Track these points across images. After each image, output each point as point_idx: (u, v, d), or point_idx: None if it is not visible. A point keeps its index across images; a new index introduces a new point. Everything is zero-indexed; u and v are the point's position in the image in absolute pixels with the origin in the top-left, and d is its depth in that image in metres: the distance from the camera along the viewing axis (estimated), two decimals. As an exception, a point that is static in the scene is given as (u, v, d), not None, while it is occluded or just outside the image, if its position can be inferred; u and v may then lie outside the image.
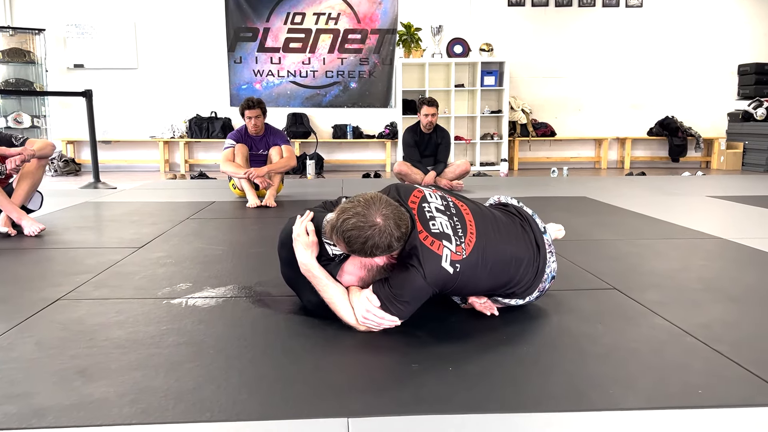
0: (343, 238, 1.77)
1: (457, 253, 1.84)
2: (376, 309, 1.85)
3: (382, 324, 1.87)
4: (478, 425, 1.35)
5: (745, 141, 8.96)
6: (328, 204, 2.18)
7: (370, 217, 1.75)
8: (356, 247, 1.78)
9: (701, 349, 1.77)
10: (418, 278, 1.81)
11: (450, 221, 1.90)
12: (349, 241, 1.77)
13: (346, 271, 1.97)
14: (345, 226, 1.75)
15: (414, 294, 1.85)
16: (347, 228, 1.75)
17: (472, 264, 1.87)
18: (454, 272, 1.83)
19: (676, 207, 4.78)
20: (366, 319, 1.87)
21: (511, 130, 9.08)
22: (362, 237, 1.74)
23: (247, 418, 1.37)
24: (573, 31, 9.18)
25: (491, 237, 1.94)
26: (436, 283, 1.83)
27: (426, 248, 1.81)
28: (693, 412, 1.40)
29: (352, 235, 1.75)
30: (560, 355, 1.75)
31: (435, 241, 1.83)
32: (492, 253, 1.92)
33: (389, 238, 1.76)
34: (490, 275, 1.93)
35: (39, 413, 1.38)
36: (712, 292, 2.37)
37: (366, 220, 1.74)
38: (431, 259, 1.81)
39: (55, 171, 8.01)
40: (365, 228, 1.74)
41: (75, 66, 8.64)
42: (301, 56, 8.94)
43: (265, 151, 5.17)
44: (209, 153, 9.00)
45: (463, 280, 1.87)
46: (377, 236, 1.74)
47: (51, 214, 4.31)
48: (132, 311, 2.13)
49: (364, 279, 1.97)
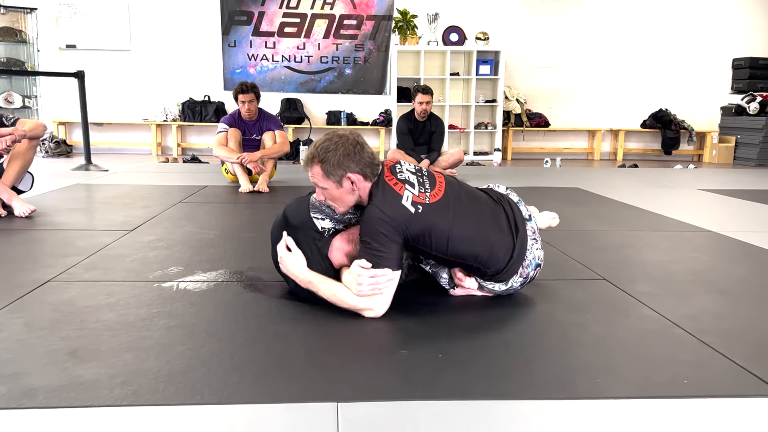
0: (318, 157, 1.90)
1: (419, 196, 1.92)
2: (365, 272, 1.87)
3: (379, 283, 1.88)
4: (466, 411, 1.36)
5: (737, 135, 8.99)
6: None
7: (338, 134, 1.95)
8: (331, 158, 1.89)
9: (688, 341, 1.79)
10: (377, 213, 1.88)
11: (419, 178, 2.00)
12: (325, 154, 1.89)
13: (335, 247, 2.02)
14: (317, 147, 1.93)
15: (382, 233, 1.86)
16: (319, 145, 1.92)
17: (436, 212, 1.92)
18: (415, 212, 1.89)
19: (667, 200, 4.80)
20: (361, 286, 1.88)
21: (506, 119, 9.08)
22: (332, 145, 1.90)
23: (238, 402, 1.37)
24: (569, 22, 9.16)
25: (461, 201, 2.00)
26: (396, 219, 1.87)
27: (388, 187, 1.93)
28: (679, 402, 1.42)
29: (324, 147, 1.90)
30: (548, 344, 1.76)
31: (399, 183, 1.94)
32: (460, 216, 1.96)
33: (357, 146, 1.91)
34: (459, 238, 1.95)
35: (29, 393, 1.38)
36: (701, 285, 2.39)
37: (333, 136, 1.94)
38: (391, 195, 1.90)
39: (46, 152, 7.95)
40: (333, 138, 1.92)
41: (67, 46, 8.55)
42: (296, 41, 8.89)
43: (258, 136, 5.15)
44: (202, 137, 8.95)
45: (427, 226, 1.90)
46: (346, 143, 1.90)
47: (42, 196, 4.28)
48: (123, 294, 2.13)
49: (351, 253, 2.01)
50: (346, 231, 2.08)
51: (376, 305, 1.91)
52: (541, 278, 2.43)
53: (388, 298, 1.93)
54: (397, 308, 2.01)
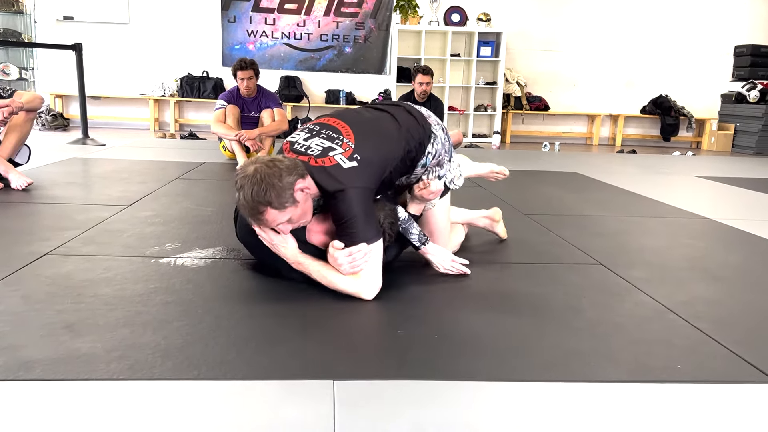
0: (262, 203, 1.78)
1: (345, 150, 1.93)
2: (340, 253, 1.87)
3: (356, 260, 1.87)
4: (461, 392, 1.37)
5: (736, 123, 8.98)
6: None
7: (245, 176, 1.81)
8: (271, 193, 1.77)
9: (683, 326, 1.80)
10: (348, 193, 1.86)
11: (320, 136, 2.00)
12: (264, 197, 1.77)
13: (313, 231, 2.00)
14: (252, 199, 1.79)
15: (358, 206, 1.87)
16: (249, 198, 1.79)
17: (361, 147, 1.95)
18: (359, 163, 1.91)
19: (665, 186, 4.81)
20: (342, 266, 1.88)
21: (505, 102, 9.04)
22: (258, 188, 1.77)
23: (234, 378, 1.38)
24: (571, 5, 9.08)
25: (366, 121, 2.11)
26: (356, 180, 1.88)
27: (323, 169, 1.89)
28: (672, 387, 1.43)
29: (256, 194, 1.77)
30: (544, 327, 1.77)
31: (324, 158, 1.91)
32: (373, 135, 2.04)
33: (268, 166, 1.80)
34: (388, 147, 2.05)
35: (26, 366, 1.39)
36: (696, 271, 2.41)
37: (244, 183, 1.80)
38: (334, 171, 1.88)
39: (43, 125, 7.89)
40: (248, 183, 1.78)
41: (65, 18, 8.45)
42: (296, 18, 8.80)
43: (256, 113, 5.12)
44: (200, 113, 8.90)
45: (374, 163, 1.95)
46: (259, 173, 1.78)
47: (38, 169, 4.26)
48: (120, 269, 2.13)
49: (330, 230, 1.99)
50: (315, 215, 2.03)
51: (363, 284, 1.90)
52: (537, 262, 2.45)
53: (373, 276, 1.91)
54: (392, 289, 2.02)
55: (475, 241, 2.72)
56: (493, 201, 3.76)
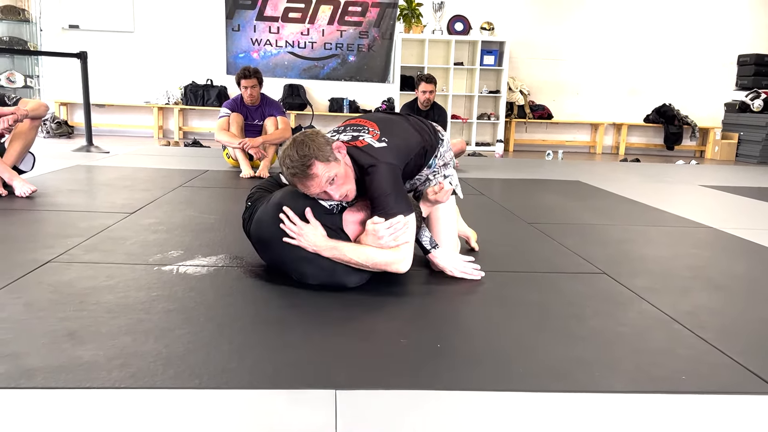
0: (309, 156, 1.90)
1: (373, 135, 2.13)
2: (381, 226, 1.97)
3: (396, 230, 1.98)
4: (464, 402, 1.36)
5: (740, 132, 8.97)
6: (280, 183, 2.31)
7: (292, 141, 1.96)
8: (314, 148, 1.91)
9: (686, 336, 1.79)
10: (381, 168, 2.01)
11: (346, 131, 2.19)
12: (309, 150, 1.90)
13: (348, 220, 2.06)
14: (301, 153, 1.91)
15: (391, 181, 2.02)
16: (298, 152, 1.91)
17: (385, 134, 2.14)
18: (387, 144, 2.10)
19: (668, 195, 4.80)
20: (382, 239, 1.98)
21: (509, 111, 9.05)
22: (303, 145, 1.91)
23: (236, 387, 1.38)
24: (574, 14, 9.11)
25: (386, 118, 2.30)
26: (387, 156, 2.05)
27: (356, 147, 2.07)
28: (676, 397, 1.42)
29: (302, 148, 1.91)
30: (547, 336, 1.76)
31: (355, 141, 2.10)
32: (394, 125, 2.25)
33: (317, 138, 1.95)
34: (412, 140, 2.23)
35: (28, 374, 1.39)
36: (700, 281, 2.40)
37: (293, 142, 1.94)
38: (367, 149, 2.05)
39: (48, 132, 7.93)
40: (295, 142, 1.93)
41: (70, 26, 8.50)
42: (300, 26, 8.84)
43: (260, 121, 5.13)
44: (204, 121, 8.93)
45: (400, 146, 2.14)
46: (301, 136, 1.94)
47: (43, 176, 4.27)
48: (122, 276, 2.13)
49: (364, 220, 2.07)
50: (351, 206, 2.10)
51: (401, 256, 2.00)
52: (540, 271, 2.44)
53: (410, 249, 2.03)
54: (396, 297, 2.02)
55: (479, 248, 2.71)
56: (496, 209, 3.76)
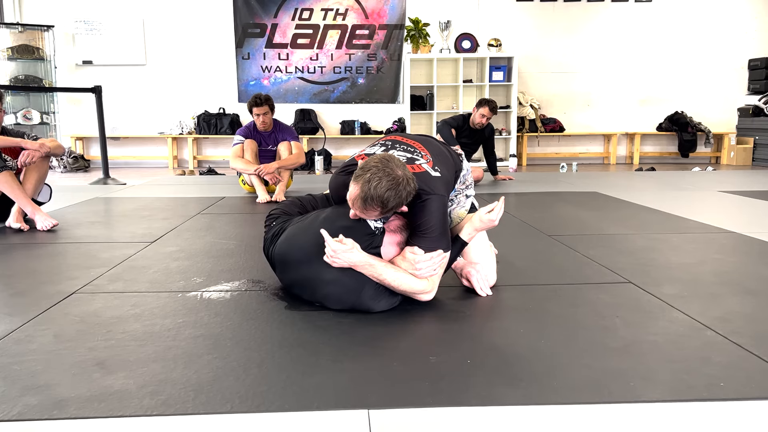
0: (381, 201, 1.89)
1: (428, 161, 2.15)
2: (421, 257, 1.99)
3: (435, 264, 2.01)
4: (498, 417, 1.34)
5: (755, 136, 8.89)
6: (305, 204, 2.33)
7: (393, 173, 1.90)
8: (393, 203, 1.92)
9: (721, 342, 1.76)
10: (433, 198, 2.02)
11: (397, 149, 2.20)
12: (387, 201, 1.90)
13: (386, 242, 2.07)
14: (379, 190, 1.88)
15: (441, 214, 2.04)
16: (381, 192, 1.88)
17: (436, 162, 2.16)
18: (441, 175, 2.11)
19: (687, 202, 4.75)
20: (420, 270, 2.00)
21: (520, 125, 9.05)
22: (397, 193, 1.90)
23: (268, 410, 1.36)
24: (582, 26, 9.13)
25: (429, 142, 2.33)
26: (441, 189, 2.08)
27: (414, 173, 2.02)
28: (715, 405, 1.39)
29: (390, 195, 1.89)
30: (578, 348, 1.74)
31: (412, 165, 2.08)
32: (440, 152, 2.27)
33: (412, 182, 1.95)
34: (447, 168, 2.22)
35: (60, 405, 1.38)
36: (729, 286, 2.36)
37: (392, 178, 1.89)
38: (424, 177, 2.05)
39: (65, 167, 8.03)
40: (394, 184, 1.89)
41: (84, 62, 8.66)
42: (309, 52, 8.93)
43: (273, 146, 5.17)
44: (218, 149, 9.01)
45: (448, 179, 2.17)
46: (407, 186, 1.92)
47: (62, 210, 4.32)
48: (147, 304, 2.13)
49: (401, 242, 2.09)
50: (389, 227, 2.11)
51: (431, 287, 2.04)
52: (565, 282, 2.42)
53: (437, 282, 2.07)
54: (419, 316, 2.00)
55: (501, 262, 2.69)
56: (515, 222, 3.74)
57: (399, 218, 2.12)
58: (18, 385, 1.48)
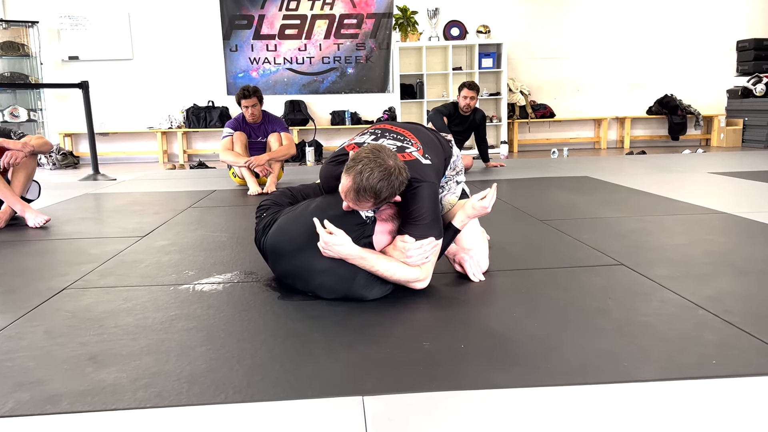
0: (373, 192, 1.87)
1: (418, 149, 2.13)
2: (412, 245, 1.98)
3: (426, 252, 2.00)
4: (493, 400, 1.34)
5: (744, 117, 8.92)
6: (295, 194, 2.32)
7: (385, 164, 1.88)
8: (386, 194, 1.89)
9: (713, 321, 1.77)
10: (426, 187, 2.01)
11: (387, 138, 2.17)
12: (380, 191, 1.88)
13: (378, 231, 2.05)
14: (371, 181, 1.86)
15: (432, 202, 2.03)
16: (374, 183, 1.86)
17: (426, 150, 2.15)
18: (431, 162, 2.10)
19: (678, 184, 4.76)
20: (411, 258, 1.99)
21: (510, 112, 9.05)
22: (389, 183, 1.88)
23: (263, 399, 1.36)
24: (568, 12, 9.11)
25: (418, 130, 2.31)
26: (432, 176, 2.06)
27: (405, 161, 2.01)
28: (708, 382, 1.40)
29: (382, 186, 1.87)
30: (571, 331, 1.74)
31: (402, 153, 2.06)
32: (430, 140, 2.26)
33: (404, 172, 1.93)
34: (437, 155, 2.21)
35: (53, 399, 1.38)
36: (720, 266, 2.37)
37: (384, 169, 1.87)
38: (414, 165, 2.03)
39: (54, 164, 7.98)
40: (386, 175, 1.87)
41: (70, 58, 8.58)
42: (297, 43, 8.88)
43: (263, 138, 5.15)
44: (208, 142, 8.97)
45: (438, 166, 2.16)
46: (399, 175, 1.90)
47: (52, 206, 4.29)
48: (139, 298, 2.12)
49: (393, 231, 2.08)
50: (380, 215, 2.08)
51: (424, 275, 2.03)
52: (558, 266, 2.43)
53: (431, 269, 2.06)
54: (413, 303, 2.00)
55: (494, 248, 2.69)
56: (506, 208, 3.74)
57: (391, 207, 2.10)
58: (10, 381, 1.48)
